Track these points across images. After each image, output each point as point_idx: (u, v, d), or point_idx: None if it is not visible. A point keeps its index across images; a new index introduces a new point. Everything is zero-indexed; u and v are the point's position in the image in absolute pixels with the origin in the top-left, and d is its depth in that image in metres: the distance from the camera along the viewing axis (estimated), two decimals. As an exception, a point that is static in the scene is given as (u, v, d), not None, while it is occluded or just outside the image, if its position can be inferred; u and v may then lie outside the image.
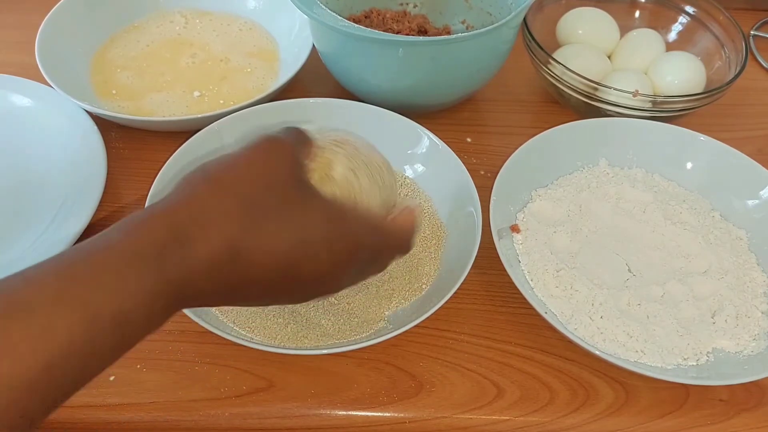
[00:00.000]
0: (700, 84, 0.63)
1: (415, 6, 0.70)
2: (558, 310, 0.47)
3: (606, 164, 0.57)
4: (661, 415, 0.45)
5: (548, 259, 0.49)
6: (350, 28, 0.53)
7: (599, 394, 0.46)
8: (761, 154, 0.58)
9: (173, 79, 0.65)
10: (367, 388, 0.46)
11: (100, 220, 0.54)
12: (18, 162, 0.57)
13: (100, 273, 0.28)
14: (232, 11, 0.72)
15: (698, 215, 0.54)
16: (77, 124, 0.58)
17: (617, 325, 0.46)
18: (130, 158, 0.59)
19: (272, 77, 0.66)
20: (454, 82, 0.59)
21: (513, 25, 0.57)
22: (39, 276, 0.28)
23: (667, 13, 0.70)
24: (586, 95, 0.60)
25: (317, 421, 0.45)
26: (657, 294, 0.48)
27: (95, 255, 0.29)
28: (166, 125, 0.60)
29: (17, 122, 0.59)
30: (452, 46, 0.54)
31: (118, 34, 0.69)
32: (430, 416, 0.45)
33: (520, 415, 0.45)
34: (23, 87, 0.61)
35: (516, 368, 0.47)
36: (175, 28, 0.71)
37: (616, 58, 0.66)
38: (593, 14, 0.68)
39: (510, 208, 0.53)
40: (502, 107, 0.67)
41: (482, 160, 0.60)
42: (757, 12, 0.78)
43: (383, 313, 0.47)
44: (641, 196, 0.54)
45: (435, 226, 0.53)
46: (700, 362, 0.45)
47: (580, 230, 0.52)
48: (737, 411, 0.45)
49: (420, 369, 0.47)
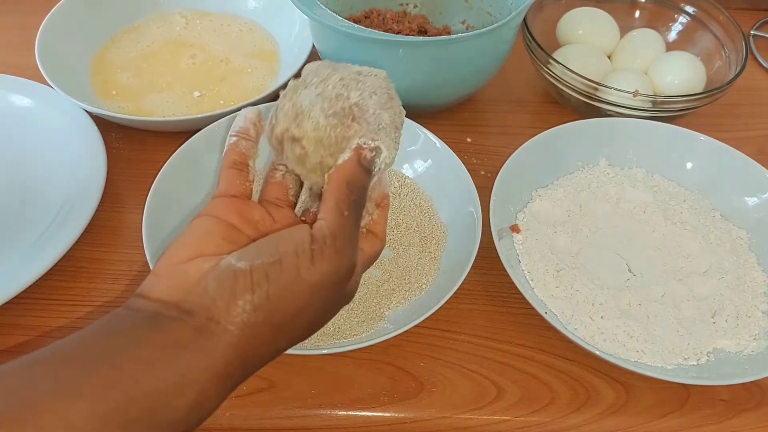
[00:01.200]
0: (700, 84, 0.63)
1: (415, 6, 0.70)
2: (558, 310, 0.47)
3: (606, 164, 0.57)
4: (661, 415, 0.45)
5: (548, 259, 0.49)
6: (350, 29, 0.53)
7: (600, 395, 0.46)
8: (761, 154, 0.58)
9: (173, 79, 0.65)
10: (367, 389, 0.46)
11: (100, 221, 0.54)
12: (18, 162, 0.57)
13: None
14: (232, 12, 0.72)
15: (698, 215, 0.54)
16: (77, 124, 0.58)
17: (618, 325, 0.46)
18: (129, 158, 0.59)
19: (272, 77, 0.66)
20: (454, 82, 0.58)
21: (513, 25, 0.57)
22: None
23: (667, 13, 0.70)
24: (586, 95, 0.60)
25: (318, 421, 0.45)
26: (657, 294, 0.48)
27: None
28: (166, 125, 0.60)
29: (17, 123, 0.59)
30: (452, 46, 0.54)
31: (118, 35, 0.69)
32: (431, 416, 0.45)
33: (521, 415, 0.45)
34: (23, 87, 0.61)
35: (516, 368, 0.47)
36: (176, 29, 0.71)
37: (616, 58, 0.66)
38: (593, 14, 0.68)
39: (510, 208, 0.52)
40: (503, 107, 0.67)
41: (482, 160, 0.60)
42: (757, 12, 0.78)
43: (383, 313, 0.47)
44: (641, 196, 0.54)
45: (435, 226, 0.52)
46: (700, 362, 0.45)
47: (581, 230, 0.52)
48: (738, 411, 0.45)
49: (420, 369, 0.47)
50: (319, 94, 0.37)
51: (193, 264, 0.32)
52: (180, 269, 0.32)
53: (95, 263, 0.52)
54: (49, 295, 0.50)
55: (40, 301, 0.49)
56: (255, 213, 0.37)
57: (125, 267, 0.52)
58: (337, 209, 0.34)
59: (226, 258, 0.32)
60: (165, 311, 0.31)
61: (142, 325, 0.30)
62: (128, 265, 0.52)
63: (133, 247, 0.52)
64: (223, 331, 0.30)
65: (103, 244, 0.53)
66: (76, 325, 0.48)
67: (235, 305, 0.31)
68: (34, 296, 0.49)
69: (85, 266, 0.52)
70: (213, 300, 0.31)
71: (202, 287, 0.31)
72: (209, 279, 0.31)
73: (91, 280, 0.51)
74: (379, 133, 0.37)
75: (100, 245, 0.53)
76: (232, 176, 0.38)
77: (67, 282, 0.50)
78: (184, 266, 0.32)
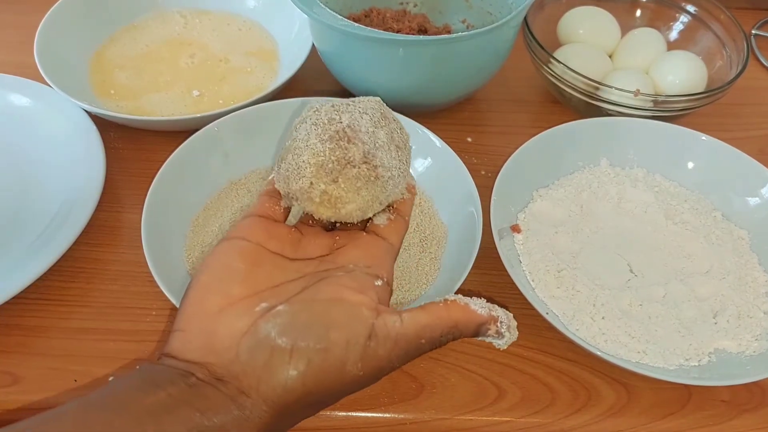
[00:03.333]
0: (701, 83, 0.63)
1: (415, 5, 0.70)
2: (559, 310, 0.46)
3: (607, 164, 0.57)
4: (663, 416, 0.45)
5: (549, 259, 0.49)
6: (350, 27, 0.53)
7: (601, 395, 0.46)
8: (763, 154, 0.58)
9: (172, 78, 0.65)
10: (367, 389, 0.45)
11: (99, 220, 0.53)
12: (16, 162, 0.57)
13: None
14: (232, 10, 0.72)
15: (700, 215, 0.54)
16: (76, 123, 0.57)
17: (619, 326, 0.45)
18: (129, 158, 0.59)
19: (272, 77, 0.66)
20: (454, 82, 0.58)
21: (513, 24, 0.57)
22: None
23: (668, 12, 0.70)
24: (587, 95, 0.59)
25: (317, 422, 0.44)
26: (658, 294, 0.48)
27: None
28: (165, 125, 0.59)
29: (16, 122, 0.59)
30: (452, 45, 0.54)
31: (116, 34, 0.69)
32: (431, 417, 0.44)
33: (522, 416, 0.45)
34: (22, 87, 0.61)
35: (517, 369, 0.47)
36: (175, 28, 0.71)
37: (617, 57, 0.66)
38: (594, 13, 0.68)
39: (511, 208, 0.52)
40: (503, 107, 0.66)
41: (483, 160, 0.60)
42: (759, 11, 0.78)
43: (383, 313, 0.47)
44: (642, 196, 0.54)
45: (435, 226, 0.52)
46: (702, 363, 0.45)
47: (582, 230, 0.52)
48: (739, 412, 0.45)
49: (420, 370, 0.46)
50: (314, 123, 0.37)
51: (223, 323, 0.31)
52: (210, 327, 0.31)
53: (94, 263, 0.52)
54: (47, 295, 0.49)
55: (38, 301, 0.49)
56: (282, 229, 0.36)
57: (124, 267, 0.51)
58: (422, 330, 0.32)
59: (265, 325, 0.30)
60: (196, 373, 0.29)
61: (178, 382, 0.29)
62: (127, 265, 0.51)
63: (132, 247, 0.52)
64: (254, 406, 0.29)
65: (101, 244, 0.53)
66: (76, 325, 0.48)
67: (267, 384, 0.29)
68: (32, 296, 0.48)
69: (83, 266, 0.51)
70: (244, 371, 0.29)
71: (234, 353, 0.30)
72: (243, 347, 0.30)
73: (90, 280, 0.51)
74: (377, 151, 0.36)
75: (99, 245, 0.53)
76: (264, 200, 0.38)
77: (66, 282, 0.50)
78: (214, 324, 0.31)
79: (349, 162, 0.36)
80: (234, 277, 0.32)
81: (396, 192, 0.39)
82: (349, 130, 0.36)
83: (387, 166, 0.37)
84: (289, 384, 0.29)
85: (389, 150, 0.37)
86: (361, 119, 0.37)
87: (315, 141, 0.36)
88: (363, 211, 0.37)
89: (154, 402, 0.28)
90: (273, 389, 0.29)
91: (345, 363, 0.30)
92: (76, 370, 0.45)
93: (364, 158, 0.36)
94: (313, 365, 0.30)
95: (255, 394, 0.29)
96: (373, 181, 0.36)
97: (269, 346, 0.30)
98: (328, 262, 0.36)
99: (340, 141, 0.36)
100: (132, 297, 0.49)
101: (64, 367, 0.45)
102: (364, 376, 0.31)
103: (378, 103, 0.40)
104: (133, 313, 0.48)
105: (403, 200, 0.40)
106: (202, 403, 0.29)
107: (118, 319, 0.48)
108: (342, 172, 0.35)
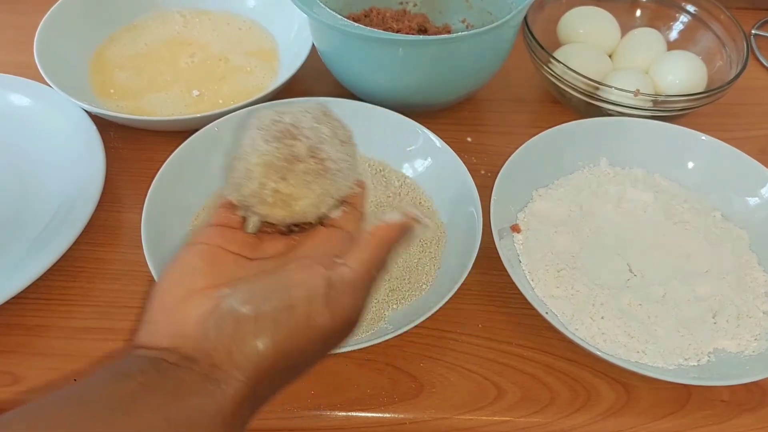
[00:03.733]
0: (701, 83, 0.63)
1: (415, 5, 0.70)
2: (559, 310, 0.46)
3: (607, 164, 0.57)
4: (662, 416, 0.45)
5: (549, 259, 0.49)
6: (350, 27, 0.53)
7: (600, 395, 0.46)
8: (763, 154, 0.58)
9: (172, 78, 0.65)
10: (367, 389, 0.45)
11: (99, 220, 0.54)
12: (16, 162, 0.57)
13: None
14: (232, 10, 0.72)
15: (699, 215, 0.54)
16: (76, 123, 0.57)
17: (618, 326, 0.45)
18: (128, 158, 0.59)
19: (272, 76, 0.66)
20: (454, 82, 0.58)
21: (513, 24, 0.57)
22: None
23: (668, 12, 0.70)
24: (587, 95, 0.59)
25: (317, 421, 0.44)
26: (658, 294, 0.48)
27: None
28: (164, 125, 0.59)
29: (16, 122, 0.59)
30: (452, 45, 0.54)
31: (116, 34, 0.69)
32: (431, 417, 0.44)
33: (521, 416, 0.45)
34: (22, 86, 0.61)
35: (517, 369, 0.47)
36: (174, 28, 0.71)
37: (617, 57, 0.66)
38: (594, 13, 0.68)
39: (511, 208, 0.52)
40: (503, 107, 0.66)
41: (483, 160, 0.60)
42: (759, 11, 0.78)
43: (383, 313, 0.47)
44: (642, 195, 0.54)
45: (435, 226, 0.52)
46: (701, 362, 0.45)
47: (581, 230, 0.52)
48: (739, 411, 0.45)
49: (420, 370, 0.46)
50: (258, 127, 0.37)
51: (188, 309, 0.31)
52: (176, 314, 0.31)
53: (94, 263, 0.52)
54: (48, 295, 0.49)
55: (38, 301, 0.49)
56: (241, 235, 0.37)
57: (124, 266, 0.51)
58: (369, 264, 0.33)
59: (227, 299, 0.31)
60: (167, 357, 0.30)
61: (149, 370, 0.29)
62: (127, 264, 0.51)
63: (132, 246, 0.52)
64: (228, 377, 0.30)
65: (101, 243, 0.53)
66: (76, 324, 0.48)
67: (239, 352, 0.30)
68: (32, 296, 0.49)
69: (84, 266, 0.51)
70: (214, 346, 0.30)
71: (201, 333, 0.30)
72: (209, 324, 0.30)
73: (90, 279, 0.51)
74: (322, 145, 0.37)
75: (99, 245, 0.53)
76: (221, 211, 0.38)
77: (66, 282, 0.50)
78: (179, 311, 0.32)
79: (296, 158, 0.36)
80: (196, 274, 0.33)
81: (346, 186, 0.39)
82: (293, 127, 0.37)
83: (334, 158, 0.37)
84: (260, 349, 0.30)
85: (334, 144, 0.38)
86: (304, 117, 0.38)
87: (260, 143, 0.37)
88: (316, 207, 0.37)
89: (126, 392, 0.28)
90: (246, 357, 0.30)
91: (310, 316, 0.31)
92: (77, 370, 0.45)
93: (310, 152, 0.36)
94: (280, 325, 0.30)
95: (228, 365, 0.30)
96: (322, 174, 0.37)
97: (234, 317, 0.30)
98: (288, 257, 0.36)
99: (285, 139, 0.36)
100: (132, 296, 0.50)
101: (64, 367, 0.46)
102: (336, 326, 0.32)
103: (319, 104, 0.41)
104: (134, 312, 0.49)
105: (354, 194, 0.41)
106: (175, 385, 0.29)
107: (119, 318, 0.48)
108: (290, 169, 0.36)
